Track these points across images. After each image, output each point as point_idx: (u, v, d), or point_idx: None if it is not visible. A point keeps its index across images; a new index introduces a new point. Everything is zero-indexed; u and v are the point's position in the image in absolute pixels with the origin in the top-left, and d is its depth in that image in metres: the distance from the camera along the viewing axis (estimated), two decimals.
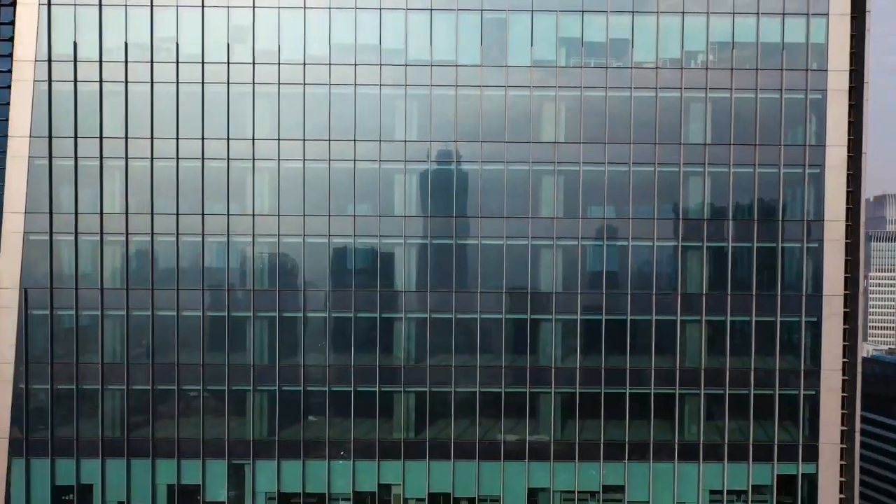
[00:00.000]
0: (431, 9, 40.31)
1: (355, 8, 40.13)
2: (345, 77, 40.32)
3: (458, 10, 40.45)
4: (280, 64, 40.23)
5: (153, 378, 40.59)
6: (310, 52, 40.26)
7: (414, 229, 40.72)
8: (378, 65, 40.40)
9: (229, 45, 40.24)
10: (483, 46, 40.54)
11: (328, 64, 40.23)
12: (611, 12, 40.18)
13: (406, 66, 40.43)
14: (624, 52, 40.57)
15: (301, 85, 40.25)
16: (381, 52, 40.42)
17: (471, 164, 40.70)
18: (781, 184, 40.74)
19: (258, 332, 40.83)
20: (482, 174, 40.72)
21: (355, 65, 40.29)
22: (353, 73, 40.29)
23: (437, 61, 40.43)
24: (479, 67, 40.54)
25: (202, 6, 40.08)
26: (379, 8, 40.19)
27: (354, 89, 40.32)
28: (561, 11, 40.25)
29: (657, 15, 40.30)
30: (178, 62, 40.19)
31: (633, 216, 40.64)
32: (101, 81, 40.07)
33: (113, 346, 40.75)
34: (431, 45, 40.41)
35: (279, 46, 40.23)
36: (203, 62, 40.21)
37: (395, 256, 41.05)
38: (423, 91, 40.50)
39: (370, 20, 40.46)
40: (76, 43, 40.04)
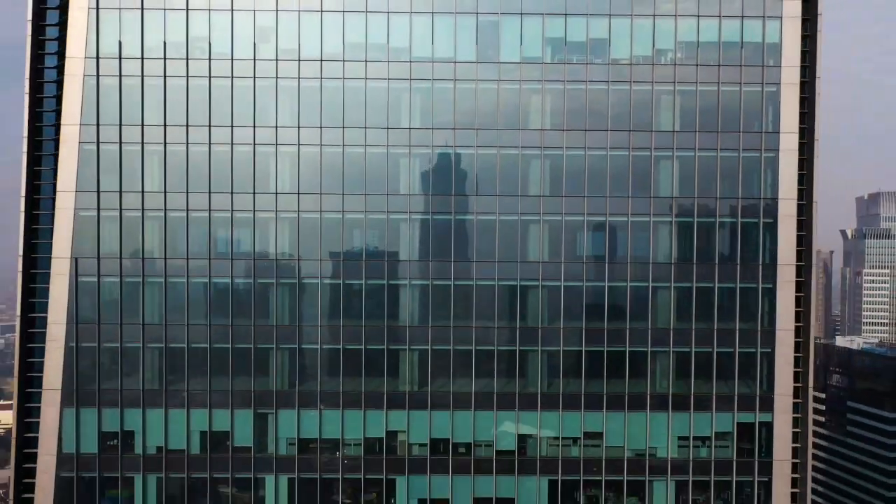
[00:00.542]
0: (433, 12, 45.84)
1: (366, 11, 45.68)
2: (356, 72, 45.87)
3: (456, 13, 45.98)
4: (300, 60, 45.78)
5: (188, 337, 46.12)
6: (326, 50, 45.80)
7: (417, 206, 46.28)
8: (386, 61, 45.94)
9: (255, 44, 45.79)
10: (478, 45, 46.09)
11: (342, 60, 45.79)
12: (590, 15, 45.75)
13: (410, 62, 45.96)
14: (602, 51, 46.12)
15: (318, 79, 45.80)
16: (388, 50, 45.96)
17: (467, 149, 46.22)
18: (741, 166, 46.28)
19: (280, 296, 46.35)
20: (477, 158, 46.28)
21: (366, 61, 45.84)
22: (364, 69, 45.84)
23: (437, 58, 45.95)
24: (475, 64, 46.07)
25: (231, 10, 45.63)
26: (387, 11, 45.73)
27: (365, 83, 45.87)
28: (547, 14, 45.81)
29: (631, 18, 45.83)
30: (209, 59, 45.74)
31: (610, 195, 46.16)
32: (142, 76, 45.62)
33: (152, 308, 46.27)
34: (433, 44, 45.93)
35: (299, 45, 45.77)
36: (232, 59, 45.76)
37: (400, 230, 46.58)
38: (425, 84, 46.04)
39: (379, 22, 45.99)
40: (121, 42, 45.59)
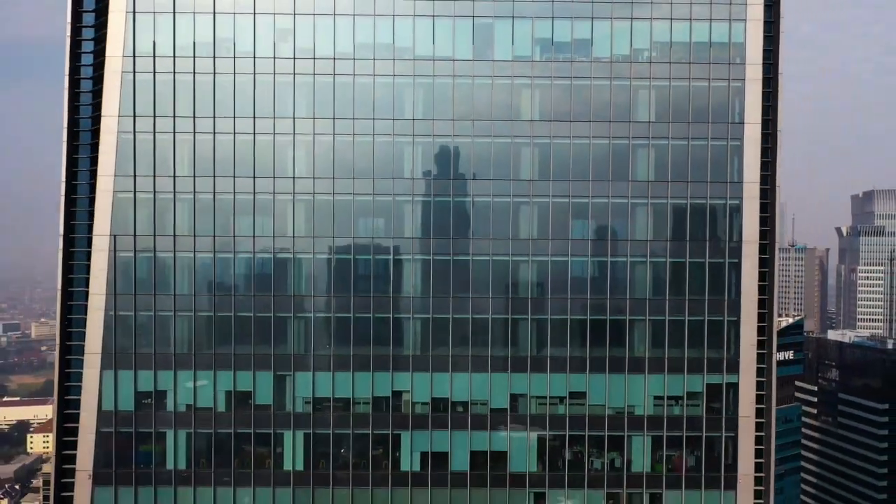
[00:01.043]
0: (434, 15, 51.17)
1: (374, 15, 51.05)
2: (365, 69, 51.24)
3: (454, 16, 51.32)
4: (315, 58, 51.14)
5: (214, 307, 51.51)
6: (338, 49, 51.18)
7: (419, 189, 51.67)
8: (391, 59, 51.31)
9: (275, 44, 51.17)
10: (474, 45, 51.46)
11: (353, 59, 51.17)
12: (574, 18, 51.12)
13: (414, 60, 51.32)
14: (585, 50, 51.50)
15: (331, 75, 51.16)
16: (394, 49, 51.32)
17: (464, 138, 51.59)
18: (710, 154, 51.63)
19: (296, 270, 51.74)
20: (473, 146, 51.63)
21: (374, 59, 51.21)
22: (372, 66, 51.21)
23: (438, 57, 51.32)
24: (472, 62, 51.44)
25: (253, 13, 51.02)
26: (392, 15, 51.09)
27: (373, 79, 51.23)
28: (535, 17, 51.19)
29: (611, 20, 51.20)
30: (234, 57, 51.11)
31: (592, 179, 51.52)
32: (174, 72, 51.00)
33: (182, 281, 51.62)
34: (433, 44, 51.30)
35: (314, 45, 51.15)
36: (254, 57, 51.13)
37: (404, 211, 51.94)
38: (427, 80, 51.41)
39: (385, 24, 51.35)
40: (154, 42, 50.97)
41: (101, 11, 51.82)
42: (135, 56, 50.89)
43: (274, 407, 51.81)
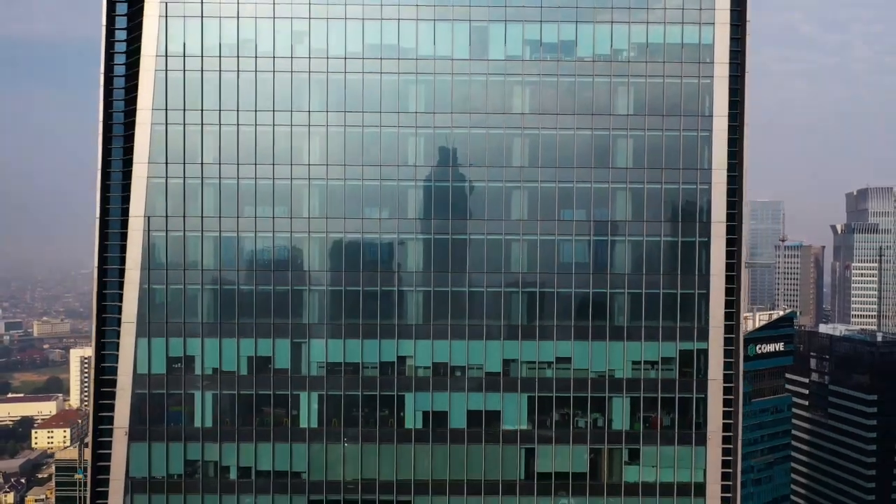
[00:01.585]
0: (434, 19, 57.00)
1: (381, 19, 56.90)
2: (373, 67, 57.11)
3: (453, 20, 57.16)
4: (328, 58, 56.99)
5: (238, 281, 57.37)
6: (349, 49, 57.03)
7: (422, 175, 57.50)
8: (396, 59, 57.16)
9: (292, 45, 57.02)
10: (471, 46, 57.32)
11: (362, 58, 57.02)
12: (561, 22, 56.99)
13: (416, 59, 57.19)
14: (570, 50, 57.35)
15: (343, 73, 57.02)
16: (399, 49, 57.20)
17: (462, 129, 57.42)
18: (682, 143, 57.44)
19: (311, 247, 57.57)
20: (470, 136, 57.48)
21: (381, 59, 57.07)
22: (379, 65, 57.08)
23: (438, 56, 57.20)
24: (468, 61, 57.28)
25: (273, 17, 56.85)
26: (397, 18, 56.91)
27: (380, 76, 57.09)
28: (525, 21, 57.07)
29: (594, 24, 57.06)
30: (255, 57, 56.97)
31: (576, 166, 57.34)
32: (202, 70, 56.86)
33: (209, 257, 57.45)
34: (434, 45, 57.19)
35: (327, 45, 57.00)
36: (273, 56, 56.97)
37: (408, 195, 57.75)
38: (428, 77, 57.27)
39: (390, 27, 57.17)
40: (185, 43, 56.82)
41: (132, 17, 57.67)
42: (167, 56, 56.71)
43: (291, 371, 57.60)
